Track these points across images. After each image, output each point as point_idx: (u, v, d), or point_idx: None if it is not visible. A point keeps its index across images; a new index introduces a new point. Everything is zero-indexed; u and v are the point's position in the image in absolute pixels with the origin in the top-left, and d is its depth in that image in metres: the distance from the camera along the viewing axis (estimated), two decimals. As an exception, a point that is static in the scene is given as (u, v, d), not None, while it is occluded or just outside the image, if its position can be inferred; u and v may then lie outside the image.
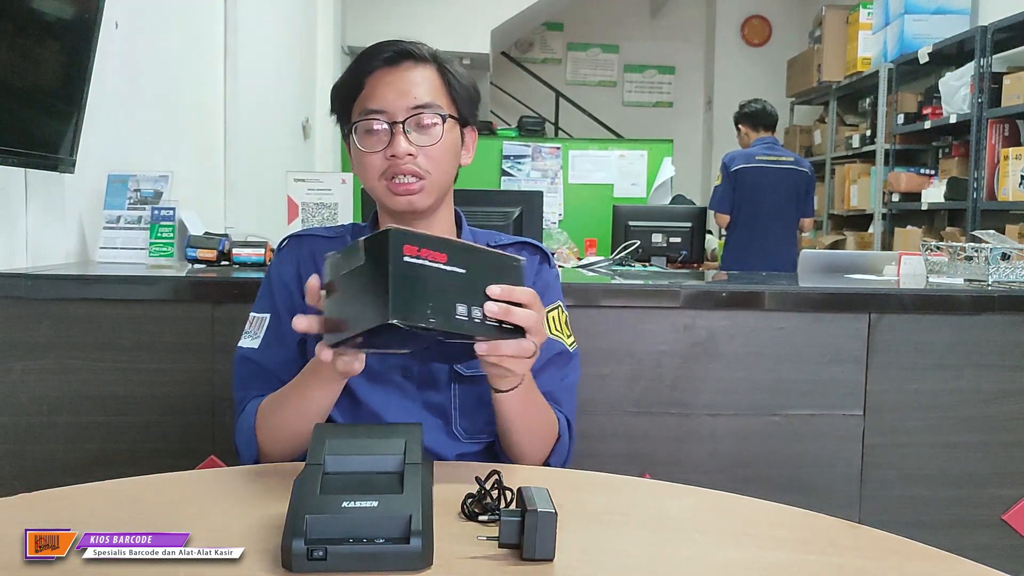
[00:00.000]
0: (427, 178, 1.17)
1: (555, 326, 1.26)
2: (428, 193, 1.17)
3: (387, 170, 1.16)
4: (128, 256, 2.05)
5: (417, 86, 1.16)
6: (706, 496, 0.98)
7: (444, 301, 0.87)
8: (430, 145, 1.16)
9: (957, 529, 1.81)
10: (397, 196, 1.16)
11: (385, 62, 1.17)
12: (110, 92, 2.13)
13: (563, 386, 1.25)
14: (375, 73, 1.17)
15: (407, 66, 1.17)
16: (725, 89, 7.90)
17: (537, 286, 1.26)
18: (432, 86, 1.18)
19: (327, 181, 2.24)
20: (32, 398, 1.69)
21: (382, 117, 1.15)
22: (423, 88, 1.17)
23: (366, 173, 1.18)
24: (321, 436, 0.83)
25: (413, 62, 1.18)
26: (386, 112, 1.15)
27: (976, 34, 4.31)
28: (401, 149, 1.14)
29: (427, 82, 1.17)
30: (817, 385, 1.80)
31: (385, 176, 1.16)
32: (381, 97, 1.15)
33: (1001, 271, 2.01)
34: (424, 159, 1.16)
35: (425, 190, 1.17)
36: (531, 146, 5.61)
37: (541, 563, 0.75)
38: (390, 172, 1.16)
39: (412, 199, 1.16)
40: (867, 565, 0.79)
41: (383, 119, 1.15)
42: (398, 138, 1.14)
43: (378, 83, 1.16)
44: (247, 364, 1.21)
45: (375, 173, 1.17)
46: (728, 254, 4.33)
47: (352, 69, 1.19)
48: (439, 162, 1.17)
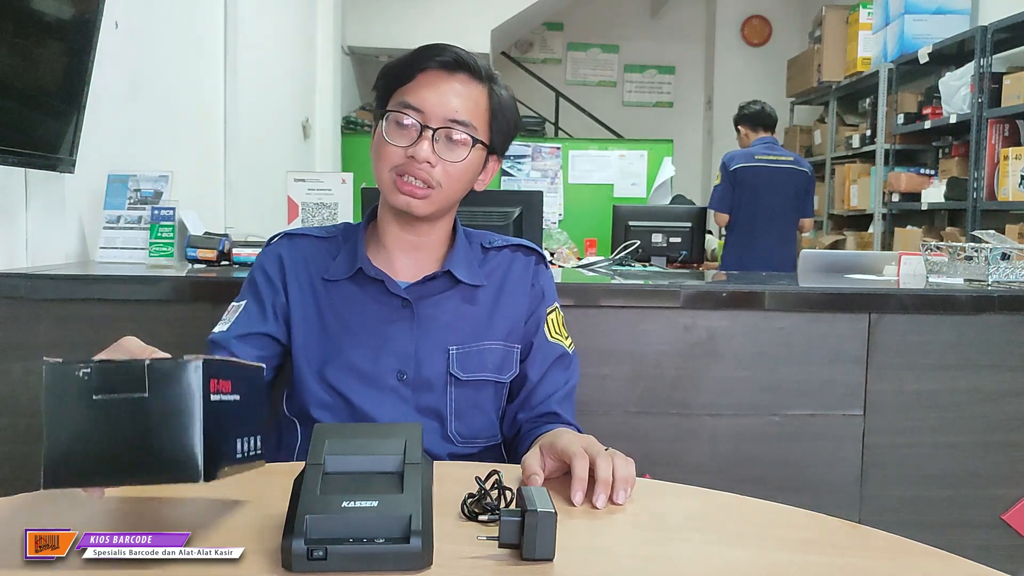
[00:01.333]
0: (435, 189, 1.16)
1: (554, 329, 1.27)
2: (430, 203, 1.17)
3: (400, 165, 1.15)
4: (128, 256, 2.05)
5: (462, 100, 1.16)
6: (706, 496, 0.98)
7: (233, 439, 0.78)
8: (452, 161, 1.16)
9: (957, 529, 1.81)
10: (400, 194, 1.16)
11: (441, 65, 1.16)
12: (110, 92, 2.13)
13: (566, 390, 1.25)
14: (428, 71, 1.16)
15: (461, 78, 1.16)
16: (725, 89, 7.90)
17: (535, 288, 1.26)
18: (476, 105, 1.17)
19: (327, 181, 2.24)
20: (32, 398, 1.69)
21: (417, 116, 1.15)
22: (466, 104, 1.16)
23: (380, 161, 1.17)
24: (321, 436, 0.83)
25: (467, 75, 1.17)
26: (423, 113, 1.15)
27: (976, 34, 4.31)
28: (422, 154, 1.14)
29: (472, 100, 1.17)
30: (817, 385, 1.79)
31: (396, 170, 1.16)
32: (424, 97, 1.15)
33: (1001, 271, 2.01)
34: (440, 171, 1.15)
35: (429, 199, 1.17)
36: (531, 146, 5.61)
37: (541, 563, 0.75)
38: (402, 168, 1.15)
39: (412, 202, 1.16)
40: (867, 565, 0.79)
41: (417, 118, 1.15)
42: (424, 142, 1.14)
43: (426, 82, 1.15)
44: (210, 347, 1.21)
45: (388, 163, 1.16)
46: (728, 254, 4.32)
47: (409, 59, 1.17)
48: (453, 180, 1.17)
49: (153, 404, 0.71)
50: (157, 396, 0.71)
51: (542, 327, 1.25)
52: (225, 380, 0.75)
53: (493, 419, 1.25)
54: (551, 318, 1.26)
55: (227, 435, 0.76)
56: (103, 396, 0.71)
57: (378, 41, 5.80)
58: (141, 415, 0.70)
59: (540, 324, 1.25)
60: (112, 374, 0.71)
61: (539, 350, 1.25)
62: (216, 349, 1.20)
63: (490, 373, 1.22)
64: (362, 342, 1.19)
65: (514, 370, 1.24)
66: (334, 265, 1.23)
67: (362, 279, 1.22)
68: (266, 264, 1.25)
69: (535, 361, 1.25)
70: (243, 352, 1.19)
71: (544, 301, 1.27)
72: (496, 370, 1.22)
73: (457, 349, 1.20)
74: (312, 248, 1.25)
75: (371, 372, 1.18)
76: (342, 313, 1.21)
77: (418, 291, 1.21)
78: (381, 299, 1.21)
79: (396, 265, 1.23)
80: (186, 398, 0.71)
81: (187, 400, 0.71)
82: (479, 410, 1.22)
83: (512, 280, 1.25)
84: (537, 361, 1.25)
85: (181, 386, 0.71)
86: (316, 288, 1.22)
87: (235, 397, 0.77)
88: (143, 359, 0.71)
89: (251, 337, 1.20)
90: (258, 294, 1.23)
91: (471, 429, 1.22)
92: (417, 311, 1.20)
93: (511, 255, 1.28)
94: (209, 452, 0.71)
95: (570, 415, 1.24)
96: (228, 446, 0.76)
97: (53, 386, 0.71)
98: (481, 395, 1.21)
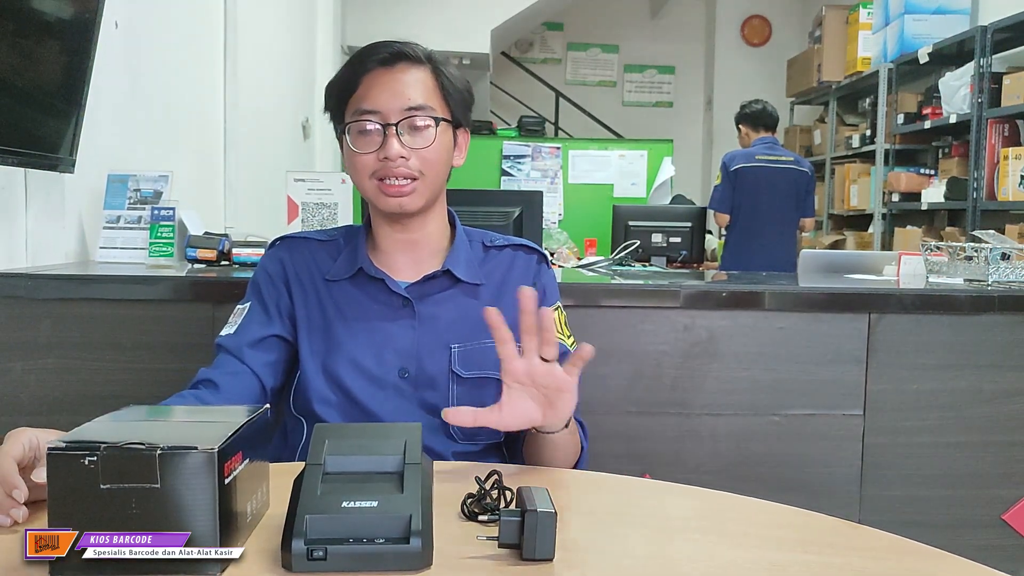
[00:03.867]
0: (419, 179, 1.18)
1: (557, 327, 1.27)
2: (420, 195, 1.19)
3: (378, 171, 1.17)
4: (128, 256, 2.05)
5: (411, 87, 1.17)
6: (706, 496, 0.98)
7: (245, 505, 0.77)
8: (423, 148, 1.17)
9: (957, 529, 1.81)
10: (388, 197, 1.17)
11: (380, 63, 1.17)
12: (110, 92, 2.13)
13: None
14: (370, 73, 1.17)
15: (402, 67, 1.18)
16: (725, 89, 7.90)
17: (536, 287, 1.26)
18: (426, 88, 1.18)
19: (327, 181, 2.24)
20: (32, 398, 1.69)
21: (375, 118, 1.16)
22: (417, 90, 1.17)
23: (358, 173, 1.19)
24: (321, 436, 0.83)
25: (408, 63, 1.18)
26: (379, 113, 1.16)
27: (976, 34, 4.31)
28: (393, 151, 1.15)
29: (421, 84, 1.18)
30: (817, 385, 1.80)
31: (376, 176, 1.17)
32: (375, 98, 1.16)
33: (1001, 271, 2.01)
34: (417, 161, 1.17)
35: (417, 192, 1.18)
36: (531, 146, 5.61)
37: (541, 563, 0.75)
38: (381, 173, 1.17)
39: (403, 201, 1.18)
40: (867, 565, 0.79)
41: (376, 120, 1.16)
42: (391, 140, 1.15)
43: (373, 84, 1.17)
44: (219, 349, 1.22)
45: (366, 173, 1.18)
46: (728, 254, 4.33)
47: (347, 68, 1.19)
48: (431, 164, 1.18)
49: (166, 495, 0.69)
50: (170, 487, 0.69)
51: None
52: (236, 454, 0.74)
53: None
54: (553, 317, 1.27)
55: (241, 505, 0.76)
56: (111, 485, 0.69)
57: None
58: (152, 505, 0.69)
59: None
60: (120, 463, 0.69)
61: None
62: (220, 350, 1.21)
63: (492, 371, 1.22)
64: (365, 340, 1.20)
65: None
66: (335, 266, 1.25)
67: (363, 279, 1.23)
68: (268, 267, 1.27)
69: None
70: (255, 360, 1.20)
71: (546, 300, 1.27)
72: (497, 368, 1.23)
73: (459, 347, 1.21)
74: (313, 250, 1.26)
75: (374, 369, 1.19)
76: (344, 312, 1.22)
77: (418, 290, 1.22)
78: (382, 298, 1.22)
79: (396, 265, 1.24)
80: (201, 490, 0.69)
81: (202, 492, 0.69)
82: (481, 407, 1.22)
83: (513, 279, 1.26)
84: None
85: (196, 477, 0.69)
86: (318, 288, 1.24)
87: (245, 462, 0.77)
88: (155, 447, 0.69)
89: (262, 343, 1.21)
90: (261, 296, 1.25)
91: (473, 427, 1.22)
92: (418, 309, 1.21)
93: (512, 254, 1.28)
94: (225, 532, 0.71)
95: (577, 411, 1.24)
96: (241, 519, 0.76)
97: (57, 473, 0.69)
98: (483, 393, 1.21)
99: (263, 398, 1.20)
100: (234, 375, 1.18)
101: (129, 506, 0.69)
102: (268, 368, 1.21)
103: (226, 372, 1.18)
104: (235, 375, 1.18)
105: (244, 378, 1.19)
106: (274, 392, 1.23)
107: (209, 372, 1.19)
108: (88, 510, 0.70)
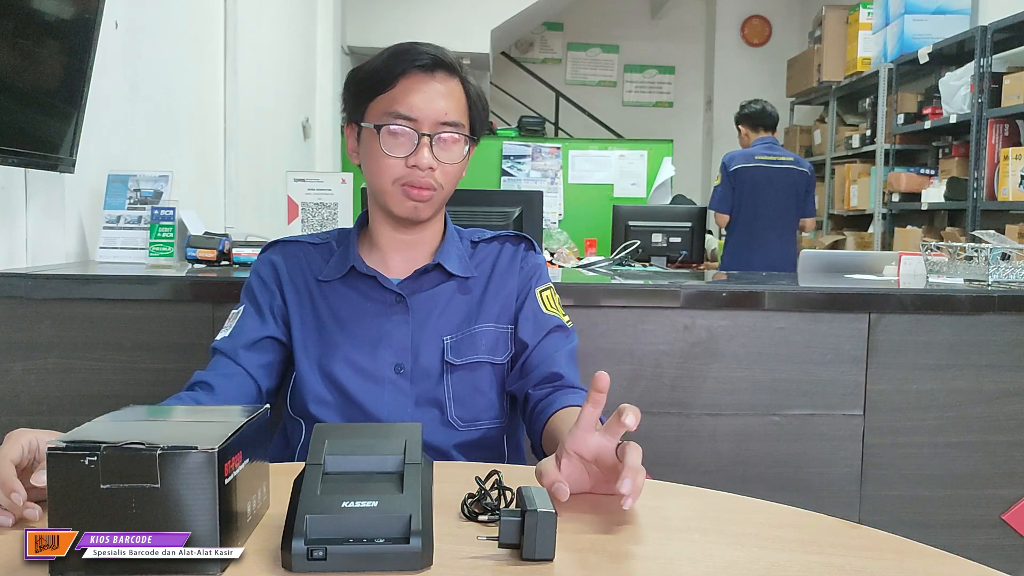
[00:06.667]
0: (438, 191, 1.19)
1: (549, 304, 1.28)
2: (432, 205, 1.20)
3: (404, 176, 1.17)
4: (128, 256, 2.05)
5: (448, 100, 1.18)
6: (706, 496, 0.98)
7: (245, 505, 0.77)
8: (449, 163, 1.19)
9: (957, 529, 1.81)
10: (407, 201, 1.18)
11: (420, 68, 1.17)
12: (110, 92, 2.13)
13: (567, 351, 1.26)
14: (408, 77, 1.17)
15: (440, 77, 1.18)
16: (725, 89, 7.90)
17: (524, 271, 1.28)
18: (459, 103, 1.19)
19: (327, 181, 2.24)
20: (32, 398, 1.69)
21: (411, 125, 1.16)
22: (453, 103, 1.18)
23: (381, 174, 1.19)
24: (321, 436, 0.83)
25: (446, 74, 1.18)
26: (416, 120, 1.16)
27: (976, 34, 4.31)
28: (424, 161, 1.16)
29: (455, 97, 1.19)
30: (817, 385, 1.80)
31: (400, 181, 1.18)
32: (414, 105, 1.16)
33: (1001, 271, 2.01)
34: (440, 174, 1.18)
35: (432, 201, 1.20)
36: (531, 146, 5.61)
37: (541, 563, 0.75)
38: (406, 179, 1.17)
39: (419, 207, 1.19)
40: (867, 565, 0.79)
41: (412, 127, 1.16)
42: (423, 149, 1.16)
43: (411, 88, 1.16)
44: (214, 353, 1.23)
45: (390, 176, 1.18)
46: (728, 254, 4.33)
47: (384, 65, 1.18)
48: (452, 178, 1.21)
49: (166, 495, 0.69)
50: (170, 487, 0.69)
51: (536, 301, 1.26)
52: (236, 454, 0.74)
53: (493, 400, 1.25)
54: (545, 295, 1.28)
55: (241, 505, 0.76)
56: (111, 485, 0.69)
57: (378, 41, 5.80)
58: (152, 505, 0.69)
59: (533, 298, 1.26)
60: (120, 463, 0.69)
61: (535, 320, 1.25)
62: (220, 357, 1.22)
63: (483, 355, 1.23)
64: (359, 338, 1.21)
65: (509, 349, 1.25)
66: (328, 267, 1.26)
67: (355, 278, 1.24)
68: (261, 270, 1.28)
69: (531, 329, 1.25)
70: (250, 361, 1.21)
71: (535, 279, 1.28)
72: (488, 351, 1.24)
73: (450, 338, 1.22)
74: (305, 253, 1.28)
75: (369, 366, 1.20)
76: (338, 311, 1.23)
77: (411, 286, 1.23)
78: (374, 296, 1.23)
79: (389, 263, 1.26)
80: (201, 489, 0.69)
81: (202, 492, 0.70)
82: (478, 392, 1.23)
83: (501, 265, 1.28)
84: (532, 329, 1.25)
85: (196, 477, 0.69)
86: (311, 289, 1.25)
87: (245, 462, 0.77)
88: (155, 447, 0.69)
89: (256, 345, 1.22)
90: (255, 299, 1.26)
91: (471, 412, 1.23)
92: (411, 305, 1.22)
93: (499, 245, 1.31)
94: (225, 532, 0.71)
95: (574, 377, 1.24)
96: (241, 519, 0.76)
97: (57, 473, 0.69)
98: (477, 376, 1.23)
99: (258, 399, 1.20)
100: (229, 377, 1.19)
101: (129, 506, 0.70)
102: (263, 370, 1.21)
103: (221, 374, 1.19)
104: (230, 377, 1.19)
105: (239, 380, 1.19)
106: (269, 393, 1.23)
107: (204, 374, 1.19)
108: (88, 510, 0.70)
